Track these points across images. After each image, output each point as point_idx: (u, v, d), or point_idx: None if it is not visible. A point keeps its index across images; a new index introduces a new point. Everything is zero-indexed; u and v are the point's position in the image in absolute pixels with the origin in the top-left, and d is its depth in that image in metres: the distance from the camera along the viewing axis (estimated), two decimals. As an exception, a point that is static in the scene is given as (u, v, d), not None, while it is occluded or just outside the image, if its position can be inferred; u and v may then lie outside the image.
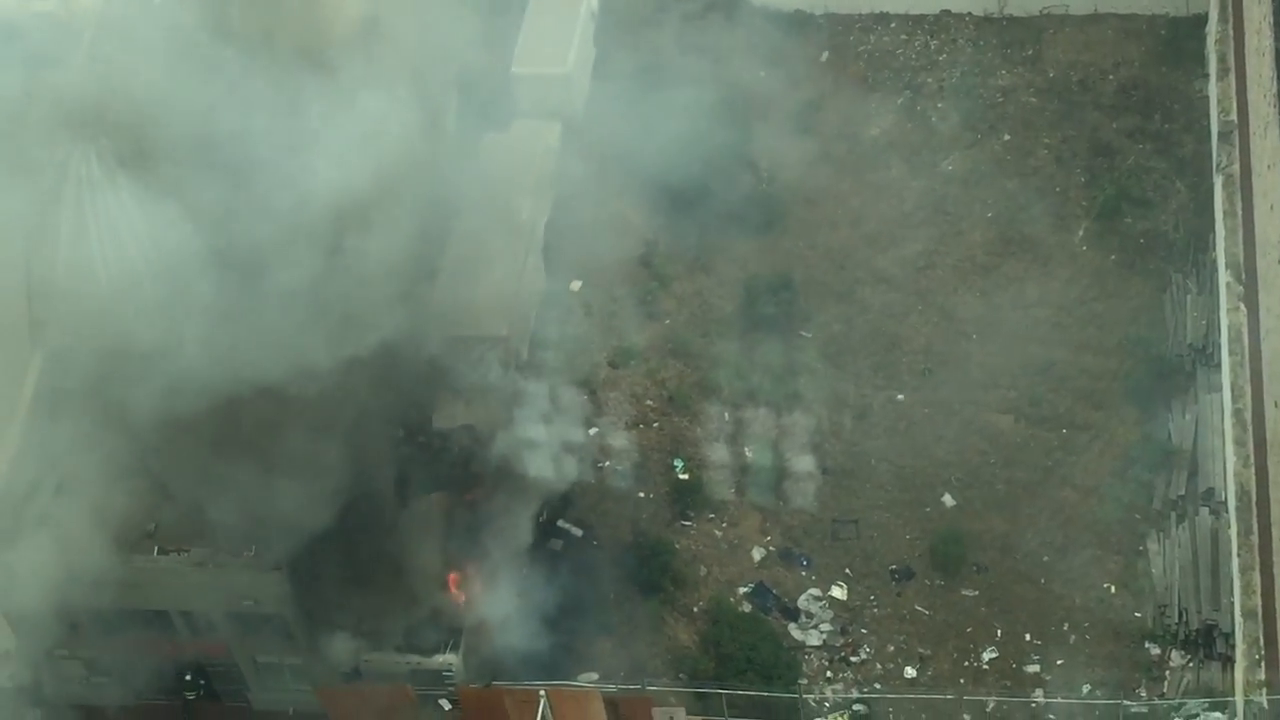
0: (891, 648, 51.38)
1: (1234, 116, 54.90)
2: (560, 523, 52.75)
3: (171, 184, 45.97)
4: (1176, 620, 50.03)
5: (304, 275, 45.94)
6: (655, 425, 54.57)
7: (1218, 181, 55.12)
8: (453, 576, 50.38)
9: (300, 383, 46.32)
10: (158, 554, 47.99)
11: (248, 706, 52.00)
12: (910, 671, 50.96)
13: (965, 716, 49.35)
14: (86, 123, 46.11)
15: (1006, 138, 58.85)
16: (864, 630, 51.69)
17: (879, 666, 51.15)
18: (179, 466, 47.17)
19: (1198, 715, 48.24)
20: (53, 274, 46.51)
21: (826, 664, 51.30)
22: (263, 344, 45.76)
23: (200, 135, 45.79)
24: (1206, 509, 51.01)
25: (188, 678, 51.30)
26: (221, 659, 50.93)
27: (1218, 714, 48.06)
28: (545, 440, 53.15)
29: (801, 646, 51.50)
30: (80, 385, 46.92)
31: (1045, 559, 51.82)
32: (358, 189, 46.65)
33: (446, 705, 49.60)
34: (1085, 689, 49.80)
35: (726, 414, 54.79)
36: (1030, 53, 60.17)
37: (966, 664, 50.83)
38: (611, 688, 49.69)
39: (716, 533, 53.16)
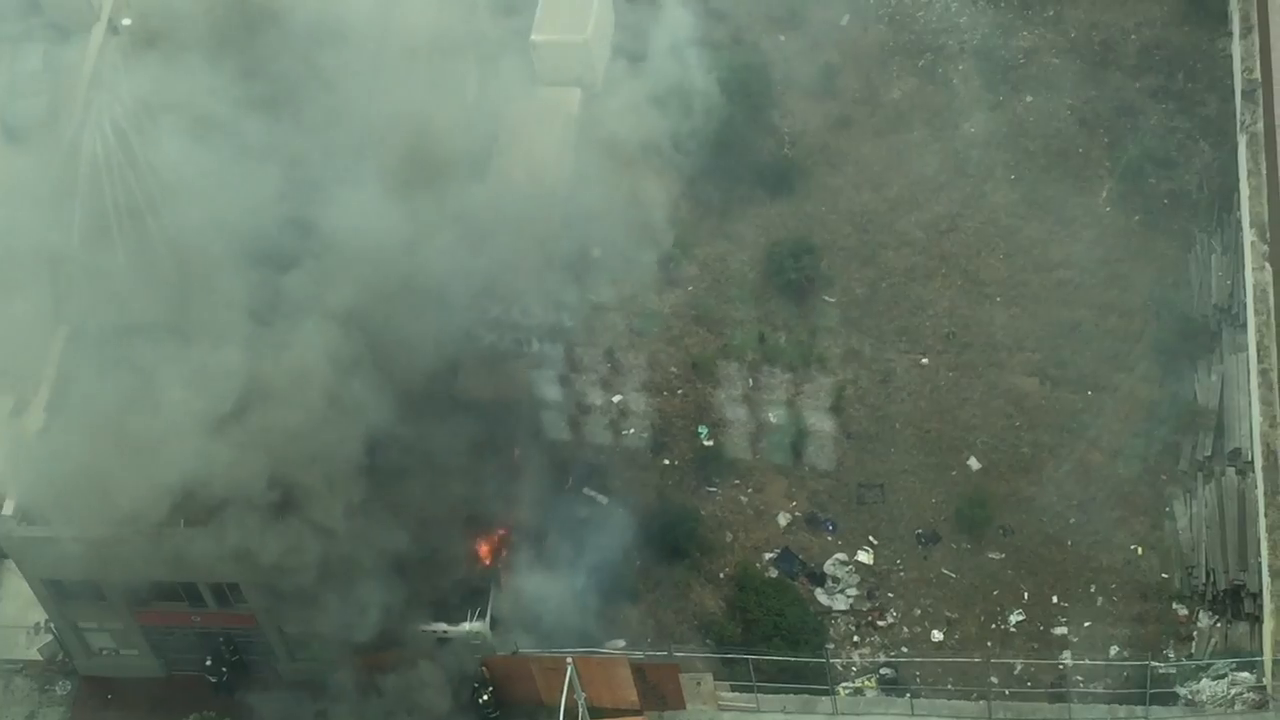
0: (918, 611, 51.36)
1: (1257, 75, 54.72)
2: (586, 490, 52.81)
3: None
4: (1204, 581, 49.95)
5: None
6: (679, 392, 54.56)
7: (1242, 140, 54.90)
8: (483, 544, 50.43)
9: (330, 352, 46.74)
10: (185, 525, 47.97)
11: (276, 677, 52.08)
12: (937, 635, 50.96)
13: (993, 679, 49.35)
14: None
15: (1029, 99, 58.62)
16: (890, 594, 51.68)
17: (906, 630, 51.15)
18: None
19: (1226, 675, 48.17)
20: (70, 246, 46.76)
21: (853, 628, 51.31)
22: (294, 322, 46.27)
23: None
24: (1233, 469, 50.92)
25: (221, 642, 51.41)
26: (250, 630, 51.00)
27: (1246, 674, 48.00)
28: (567, 408, 53.27)
29: (828, 611, 51.52)
30: (103, 359, 47.07)
31: (1071, 521, 51.75)
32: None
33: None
34: (1113, 650, 49.76)
35: (750, 380, 54.76)
36: (1051, 13, 59.89)
37: (994, 627, 50.81)
38: (639, 654, 49.77)
39: (742, 499, 53.16)
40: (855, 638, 51.21)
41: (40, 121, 47.22)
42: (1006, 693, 49.31)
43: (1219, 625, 49.51)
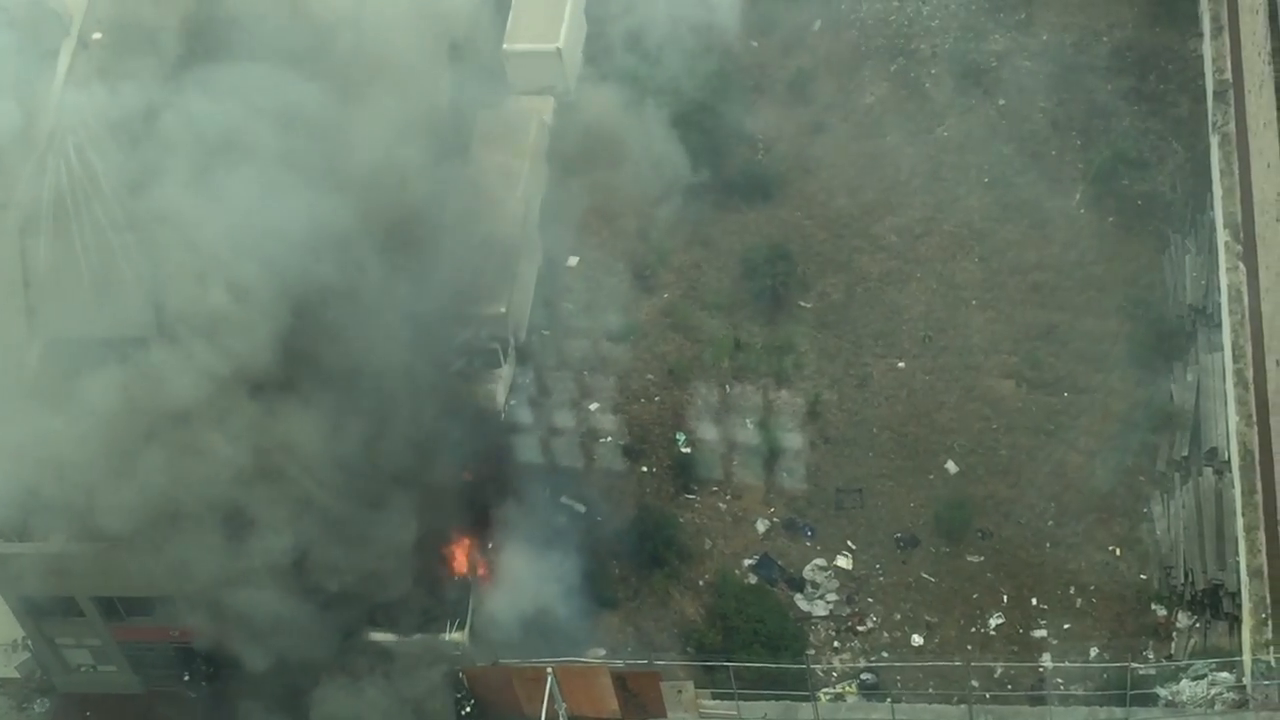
0: (898, 616, 51.35)
1: (1229, 75, 54.84)
2: (563, 499, 52.74)
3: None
4: (1182, 581, 50.00)
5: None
6: (656, 399, 54.53)
7: (1214, 141, 55.02)
8: (460, 553, 50.38)
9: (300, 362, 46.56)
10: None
11: (255, 690, 51.88)
12: (917, 639, 50.95)
13: (973, 683, 49.33)
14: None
15: (1001, 102, 58.70)
16: (870, 599, 51.66)
17: (886, 635, 51.13)
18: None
19: (1205, 676, 48.23)
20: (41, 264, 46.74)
21: (833, 634, 51.29)
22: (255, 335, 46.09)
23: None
24: (1210, 469, 50.97)
25: (199, 656, 51.26)
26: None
27: (1225, 674, 48.06)
28: (544, 418, 53.22)
29: (808, 617, 51.48)
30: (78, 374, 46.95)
31: (1049, 523, 51.77)
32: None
33: None
34: (1092, 652, 49.79)
35: (727, 386, 54.74)
36: (1023, 16, 60.00)
37: (973, 630, 50.81)
38: (619, 663, 49.70)
39: (720, 505, 53.12)
40: (835, 643, 51.19)
41: (11, 139, 47.13)
42: (987, 696, 49.31)
43: (1198, 625, 49.55)
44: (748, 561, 52.34)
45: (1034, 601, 50.94)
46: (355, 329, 46.96)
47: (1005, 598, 51.13)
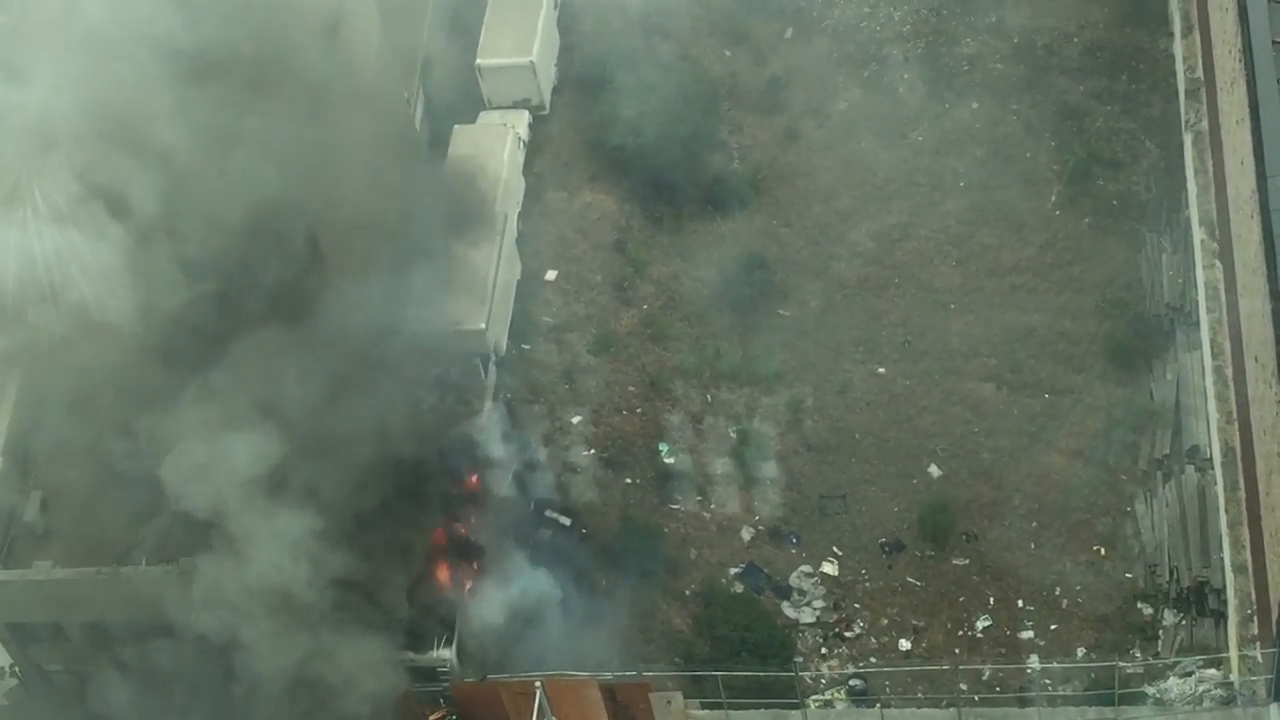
0: (885, 621, 51.41)
1: (1200, 73, 55.01)
2: (548, 513, 52.70)
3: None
4: (1167, 579, 50.13)
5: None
6: (639, 411, 54.53)
7: (1187, 139, 55.19)
8: (446, 570, 50.34)
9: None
10: (145, 565, 47.73)
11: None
12: (905, 644, 51.01)
13: (961, 686, 49.35)
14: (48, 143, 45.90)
15: (974, 106, 58.84)
16: (857, 605, 51.72)
17: (873, 640, 51.19)
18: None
19: (1193, 673, 48.32)
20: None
21: (821, 641, 51.33)
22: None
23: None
24: (1192, 466, 51.10)
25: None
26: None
27: (1213, 671, 48.13)
28: (526, 434, 53.20)
29: (795, 625, 51.53)
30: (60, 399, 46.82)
31: (1034, 525, 51.88)
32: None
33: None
34: (1079, 652, 49.89)
35: (709, 396, 54.78)
36: (994, 19, 60.15)
37: (961, 633, 50.90)
38: (608, 675, 49.63)
39: (705, 515, 53.15)
40: (823, 650, 51.24)
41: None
42: (976, 699, 49.33)
43: (1184, 623, 49.69)
44: (733, 570, 52.37)
45: (1020, 603, 51.05)
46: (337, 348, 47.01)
47: (991, 600, 51.23)
